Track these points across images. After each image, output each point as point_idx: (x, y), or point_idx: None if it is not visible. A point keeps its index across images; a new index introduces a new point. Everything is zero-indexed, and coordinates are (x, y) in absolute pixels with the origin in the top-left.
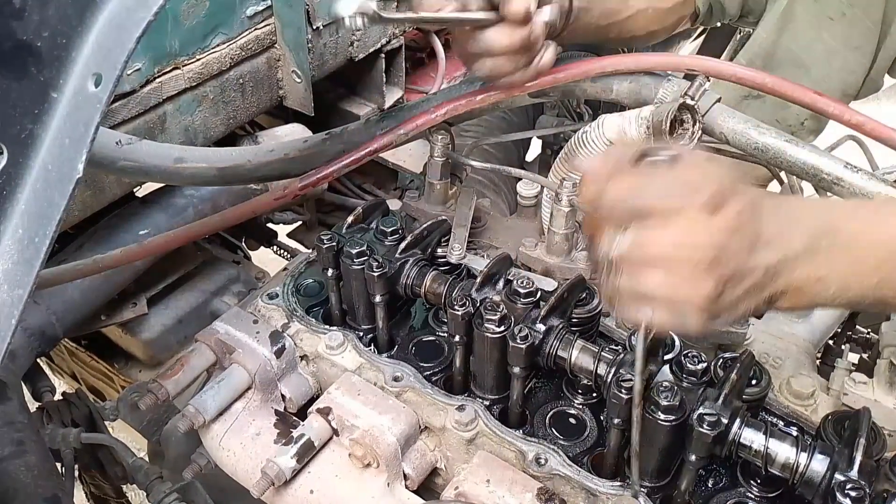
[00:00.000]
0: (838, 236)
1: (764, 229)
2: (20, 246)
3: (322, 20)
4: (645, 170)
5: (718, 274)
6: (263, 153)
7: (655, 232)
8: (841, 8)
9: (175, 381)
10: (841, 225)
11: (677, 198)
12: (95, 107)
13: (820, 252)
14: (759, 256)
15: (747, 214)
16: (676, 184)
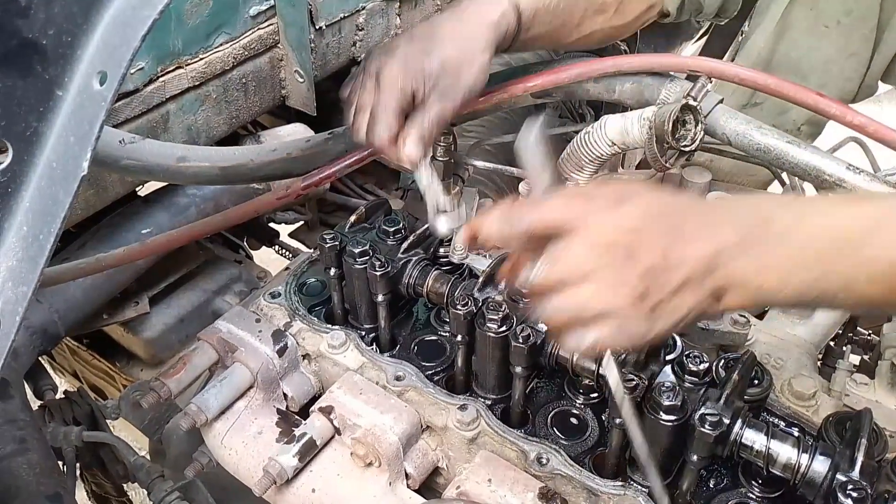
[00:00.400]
0: (771, 226)
1: (687, 223)
2: (25, 243)
3: (325, 20)
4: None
5: (639, 267)
6: (266, 153)
7: (564, 247)
8: (837, 16)
9: (177, 380)
10: (773, 215)
11: (577, 209)
12: (100, 105)
13: (756, 243)
14: (687, 249)
15: (655, 207)
16: (573, 198)
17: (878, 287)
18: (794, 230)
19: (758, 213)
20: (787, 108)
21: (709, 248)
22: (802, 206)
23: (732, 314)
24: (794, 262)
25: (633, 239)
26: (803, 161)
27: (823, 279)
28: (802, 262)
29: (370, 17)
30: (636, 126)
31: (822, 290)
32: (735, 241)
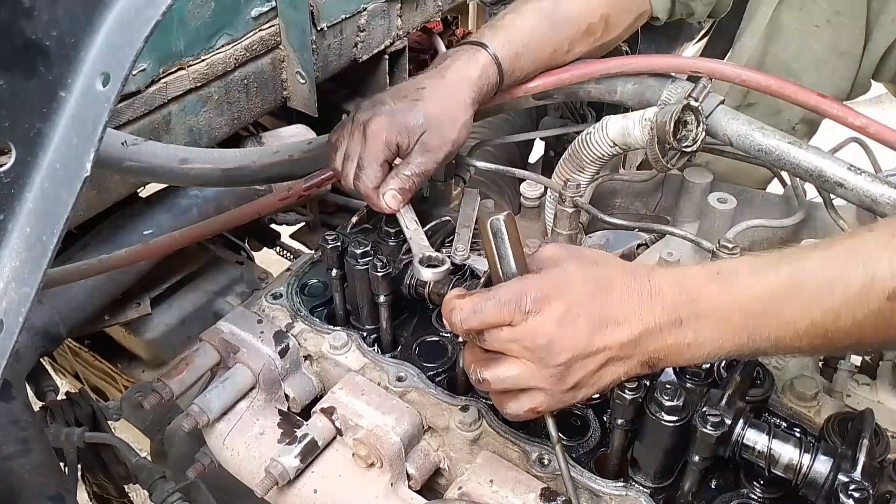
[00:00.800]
0: (699, 304)
1: (612, 311)
2: (28, 244)
3: (326, 21)
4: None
5: (555, 362)
6: (268, 154)
7: (497, 338)
8: (826, 15)
9: (179, 381)
10: (700, 293)
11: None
12: (104, 105)
13: (683, 323)
14: (608, 335)
15: (578, 306)
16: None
17: (804, 342)
18: (720, 304)
19: (684, 293)
20: (780, 109)
21: (634, 331)
22: (726, 277)
23: None
24: (722, 331)
25: (550, 340)
26: (805, 162)
27: (753, 341)
28: (731, 330)
29: (371, 19)
30: (637, 127)
31: (753, 349)
32: (663, 323)
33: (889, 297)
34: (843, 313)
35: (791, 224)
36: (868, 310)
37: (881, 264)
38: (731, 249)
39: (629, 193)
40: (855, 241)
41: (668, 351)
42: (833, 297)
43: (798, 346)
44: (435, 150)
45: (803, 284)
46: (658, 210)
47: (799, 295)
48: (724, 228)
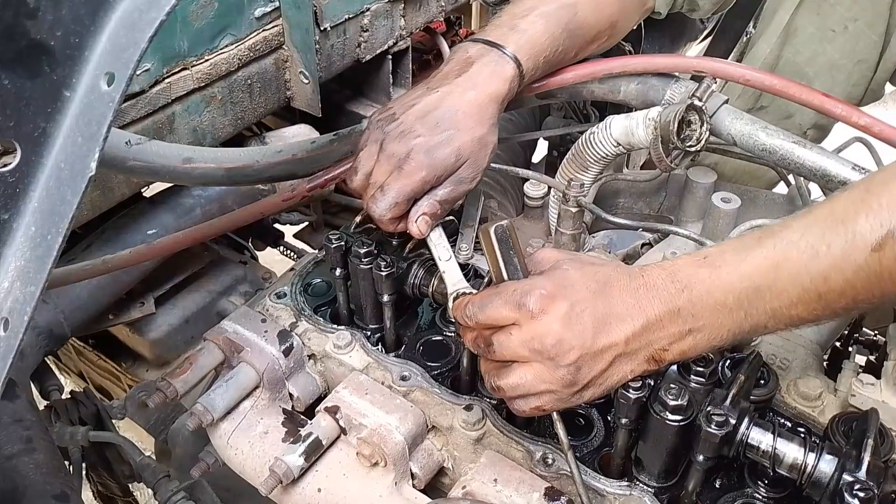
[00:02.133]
0: (693, 291)
1: (614, 307)
2: (33, 243)
3: (330, 21)
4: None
5: (565, 361)
6: (272, 154)
7: (506, 338)
8: (844, 21)
9: (184, 380)
10: (690, 280)
11: (512, 306)
12: (108, 105)
13: (681, 311)
14: (613, 331)
15: (581, 304)
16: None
17: (801, 309)
18: (712, 287)
19: (676, 282)
20: (791, 113)
21: (636, 325)
22: (713, 261)
23: None
24: (720, 314)
25: (558, 339)
26: (809, 161)
27: (750, 317)
28: (728, 310)
29: (375, 19)
30: (641, 126)
31: (753, 325)
32: (662, 313)
33: (873, 248)
34: (832, 274)
35: None
36: (856, 266)
37: (859, 220)
38: None
39: (633, 193)
40: (831, 204)
41: (672, 341)
42: (819, 260)
43: (796, 314)
44: (468, 181)
45: (787, 254)
46: (661, 210)
47: (785, 265)
48: (727, 228)
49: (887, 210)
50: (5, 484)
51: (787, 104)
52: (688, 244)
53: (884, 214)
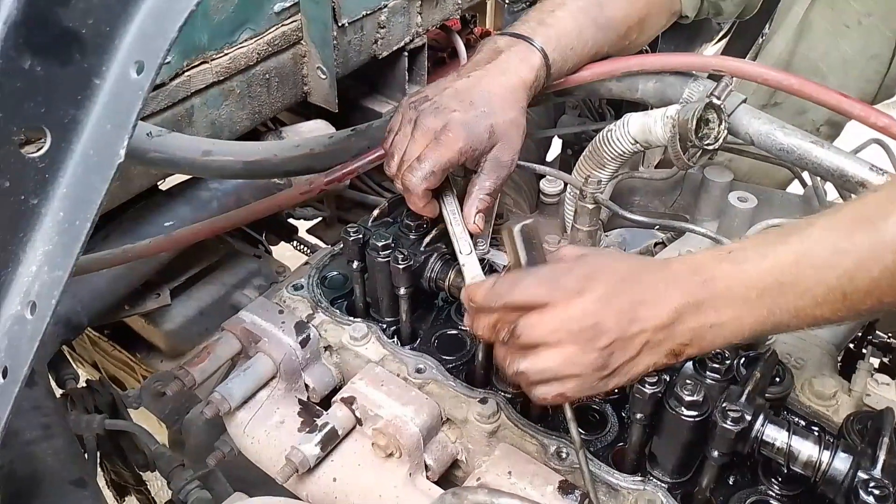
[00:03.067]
0: (715, 284)
1: (645, 293)
2: (61, 228)
3: (347, 17)
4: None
5: (600, 344)
6: (290, 148)
7: (538, 319)
8: (857, 16)
9: (201, 369)
10: (715, 273)
11: (547, 292)
12: (137, 94)
13: (703, 305)
14: (645, 317)
15: (615, 288)
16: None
17: (826, 309)
18: (735, 281)
19: (698, 275)
20: (806, 109)
21: (666, 313)
22: (736, 255)
23: None
24: (741, 309)
25: (596, 321)
26: (826, 162)
27: (773, 315)
28: (749, 308)
29: (392, 16)
30: (659, 124)
31: (775, 322)
32: (685, 307)
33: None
34: (858, 274)
35: None
36: (883, 266)
37: (889, 220)
38: None
39: (648, 191)
40: (859, 203)
41: (694, 335)
42: (845, 259)
43: (820, 314)
44: (507, 164)
45: (812, 251)
46: (677, 209)
47: (810, 262)
48: (743, 228)
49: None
50: (24, 469)
51: (802, 101)
52: (703, 242)
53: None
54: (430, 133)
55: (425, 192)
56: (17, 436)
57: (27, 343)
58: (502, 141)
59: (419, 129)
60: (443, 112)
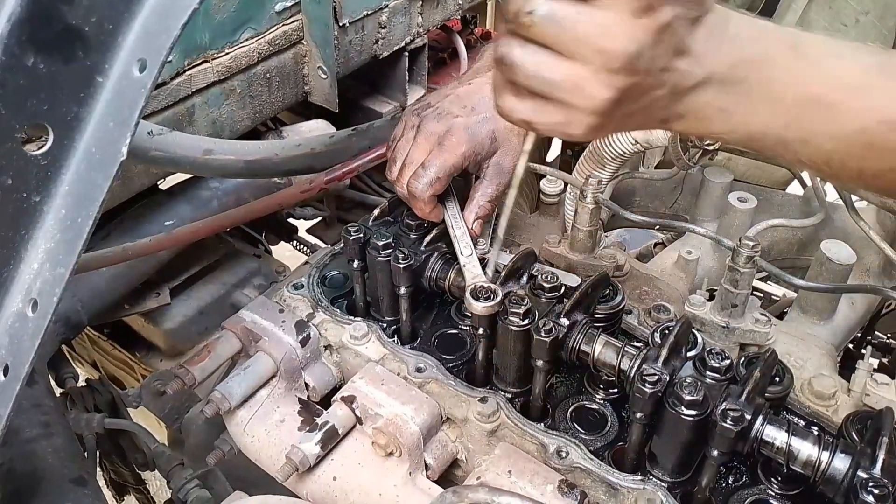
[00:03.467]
0: (763, 69)
1: (696, 41)
2: (63, 226)
3: (348, 17)
4: None
5: (625, 81)
6: (290, 147)
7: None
8: (855, 15)
9: (202, 368)
10: (770, 57)
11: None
12: (140, 91)
13: (736, 83)
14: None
15: (679, 26)
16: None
17: (839, 150)
18: (783, 76)
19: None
20: None
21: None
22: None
23: (754, 314)
24: (764, 108)
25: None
26: None
27: (785, 130)
28: (774, 109)
29: (392, 16)
30: None
31: (779, 138)
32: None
33: None
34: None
35: (811, 224)
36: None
37: None
38: (752, 248)
39: (648, 192)
40: None
41: (698, 111)
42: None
43: (827, 150)
44: (509, 170)
45: (876, 84)
46: (677, 209)
47: (867, 92)
48: (743, 228)
49: None
50: (24, 467)
51: None
52: (703, 243)
53: None
54: (434, 138)
55: (431, 198)
56: (17, 434)
57: (28, 341)
58: (504, 146)
59: (422, 134)
60: (445, 117)
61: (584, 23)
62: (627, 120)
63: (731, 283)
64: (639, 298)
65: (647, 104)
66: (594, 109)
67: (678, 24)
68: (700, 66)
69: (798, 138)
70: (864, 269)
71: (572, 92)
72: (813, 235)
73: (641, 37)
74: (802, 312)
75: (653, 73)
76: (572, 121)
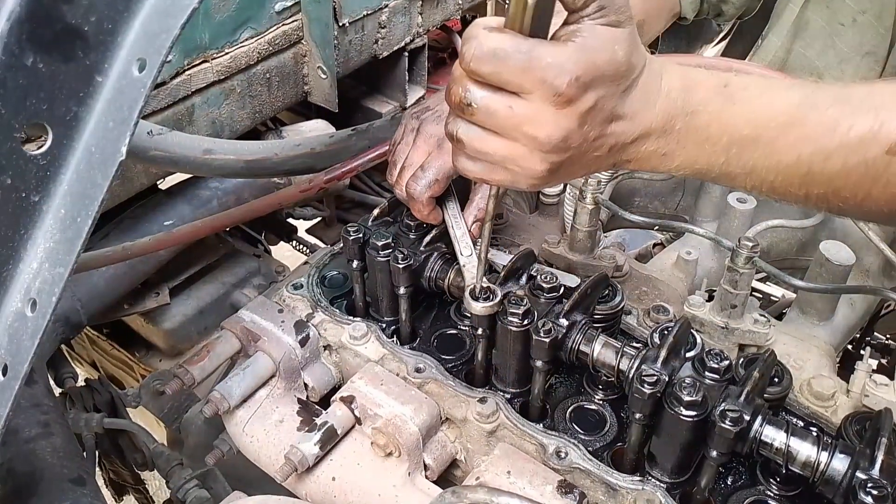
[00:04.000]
0: (697, 118)
1: (627, 108)
2: (62, 225)
3: (348, 17)
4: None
5: (558, 157)
6: (290, 147)
7: (506, 102)
8: (852, 14)
9: (201, 367)
10: (703, 106)
11: (534, 78)
12: (139, 91)
13: (672, 132)
14: (613, 134)
15: (606, 103)
16: (541, 62)
17: (779, 179)
18: (715, 122)
19: (689, 103)
20: None
21: (638, 131)
22: (733, 93)
23: (753, 314)
24: (704, 149)
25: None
26: None
27: (727, 165)
28: (713, 150)
29: (392, 15)
30: None
31: (724, 172)
32: (659, 127)
33: (889, 150)
34: (835, 156)
35: (810, 225)
36: (862, 158)
37: (893, 115)
38: (752, 248)
39: (648, 193)
40: (873, 89)
41: (641, 157)
42: (832, 136)
43: (770, 180)
44: None
45: (807, 117)
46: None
47: (799, 127)
48: (743, 228)
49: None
50: (24, 467)
51: None
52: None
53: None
54: (433, 140)
55: (429, 200)
56: (17, 434)
57: (28, 340)
58: None
59: (421, 137)
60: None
61: (514, 115)
62: (573, 173)
63: (731, 283)
64: (638, 299)
65: (588, 161)
66: (534, 176)
67: (605, 102)
68: (635, 125)
69: (740, 172)
70: (864, 269)
71: (513, 163)
72: (812, 236)
73: (566, 124)
74: (802, 313)
75: (587, 143)
76: (518, 181)
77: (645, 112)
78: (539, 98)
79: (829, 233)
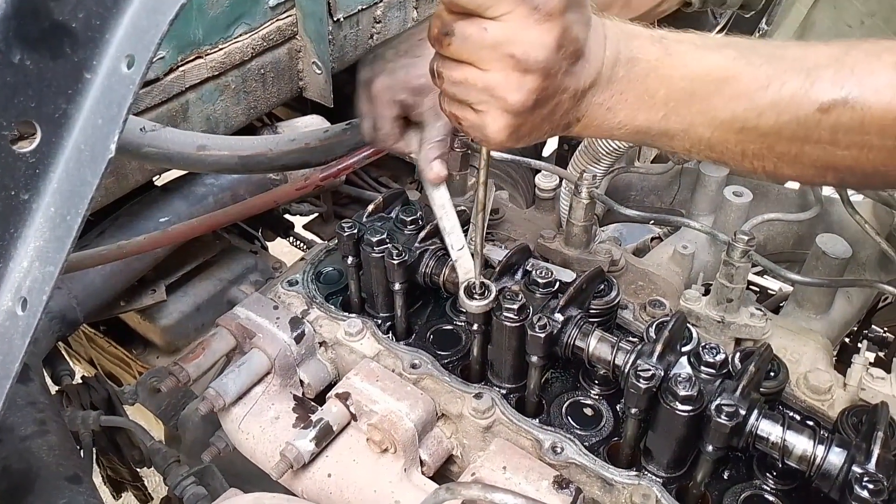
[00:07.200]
0: (636, 66)
1: (588, 43)
2: (52, 224)
3: (343, 12)
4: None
5: (535, 82)
6: (285, 142)
7: (481, 24)
8: (860, 16)
9: (196, 364)
10: (639, 53)
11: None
12: (128, 88)
13: (615, 81)
14: (582, 73)
15: (577, 29)
16: None
17: (715, 135)
18: (653, 73)
19: (627, 50)
20: None
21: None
22: (668, 46)
23: (750, 308)
24: (643, 103)
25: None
26: None
27: (666, 121)
28: (651, 103)
29: (388, 10)
30: None
31: (663, 130)
32: (602, 77)
33: (820, 107)
34: (768, 113)
35: (807, 218)
36: (795, 115)
37: (825, 74)
38: (748, 242)
39: (644, 187)
40: (808, 49)
41: (590, 111)
42: (764, 94)
43: (707, 137)
44: None
45: (740, 74)
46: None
47: (732, 83)
48: (739, 222)
49: (855, 78)
50: (19, 465)
51: None
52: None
53: (849, 81)
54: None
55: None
56: (12, 432)
57: (19, 339)
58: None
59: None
60: (375, 63)
61: (490, 36)
62: (539, 126)
63: (727, 277)
64: (634, 293)
65: (553, 108)
66: (507, 108)
67: (576, 27)
68: (591, 67)
69: (678, 129)
70: (860, 263)
71: (488, 93)
72: (809, 229)
73: (548, 41)
74: (798, 307)
75: (558, 77)
76: (486, 124)
77: (597, 52)
78: (517, 16)
79: (825, 226)
